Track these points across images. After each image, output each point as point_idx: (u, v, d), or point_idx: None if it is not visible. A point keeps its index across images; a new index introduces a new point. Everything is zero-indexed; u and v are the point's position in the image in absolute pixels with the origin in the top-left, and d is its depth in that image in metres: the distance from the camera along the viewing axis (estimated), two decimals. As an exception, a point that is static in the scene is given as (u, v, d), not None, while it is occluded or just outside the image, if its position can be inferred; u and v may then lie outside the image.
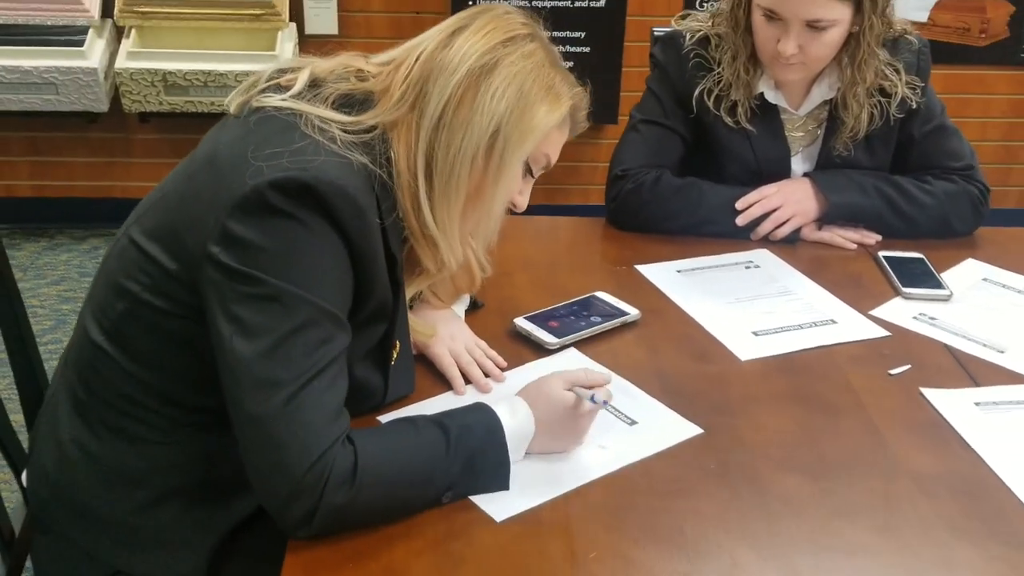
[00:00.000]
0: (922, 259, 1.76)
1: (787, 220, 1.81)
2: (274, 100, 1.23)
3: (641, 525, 1.16)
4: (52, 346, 2.80)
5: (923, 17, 3.38)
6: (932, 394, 1.41)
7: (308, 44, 3.39)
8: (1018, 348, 1.54)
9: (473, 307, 1.55)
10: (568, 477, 1.22)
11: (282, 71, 1.30)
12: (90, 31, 3.12)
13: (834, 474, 1.25)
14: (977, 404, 1.40)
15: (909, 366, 1.48)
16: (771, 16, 1.70)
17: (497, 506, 1.17)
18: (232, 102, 1.28)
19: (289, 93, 1.24)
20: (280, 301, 1.10)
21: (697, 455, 1.28)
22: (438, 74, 1.25)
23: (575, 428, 1.25)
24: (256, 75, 1.30)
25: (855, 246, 1.83)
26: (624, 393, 1.37)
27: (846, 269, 1.77)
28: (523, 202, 1.37)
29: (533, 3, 3.26)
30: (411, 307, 1.42)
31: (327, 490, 1.06)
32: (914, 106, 1.82)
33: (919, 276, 1.71)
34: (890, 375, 1.46)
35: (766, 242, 1.82)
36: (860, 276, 1.74)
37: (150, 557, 1.25)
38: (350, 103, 1.25)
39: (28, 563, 1.38)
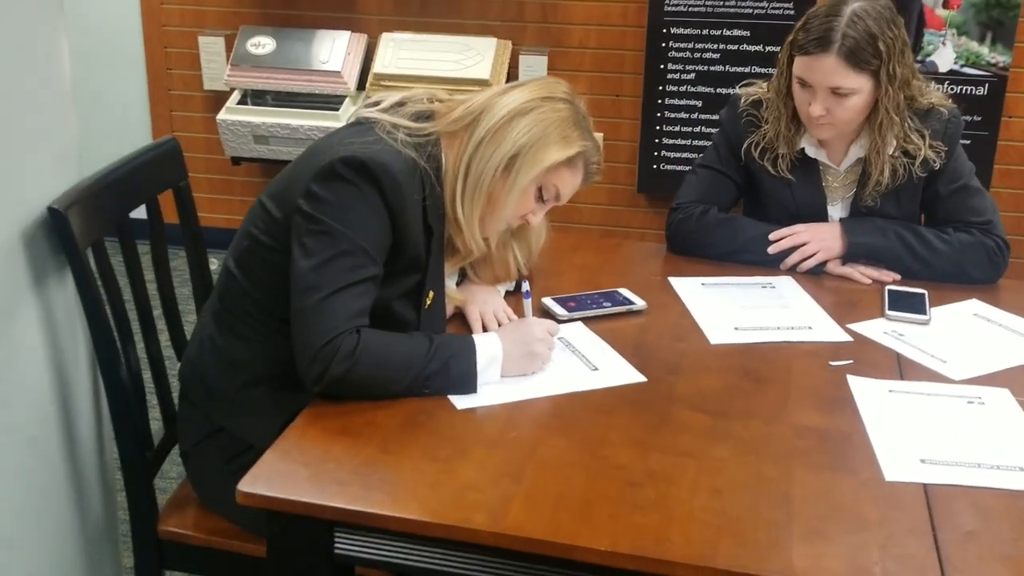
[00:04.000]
0: (923, 294, 2.04)
1: (813, 255, 2.15)
2: (365, 111, 1.78)
3: (563, 426, 1.57)
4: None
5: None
6: (855, 380, 1.72)
7: (521, 118, 3.98)
8: (961, 360, 1.80)
9: (517, 289, 2.02)
10: (525, 392, 1.65)
11: (384, 98, 1.85)
12: (346, 99, 3.86)
13: (732, 417, 1.60)
14: (891, 391, 1.70)
15: (851, 361, 1.79)
16: (803, 83, 2.07)
17: (462, 401, 1.62)
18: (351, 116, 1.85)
19: (377, 108, 1.79)
20: (331, 235, 1.62)
21: (631, 392, 1.67)
22: (490, 109, 1.76)
23: (532, 351, 1.68)
24: (371, 99, 1.87)
25: (870, 281, 2.13)
26: (600, 351, 1.79)
27: (852, 296, 2.07)
28: (535, 220, 1.85)
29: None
30: (458, 283, 1.91)
31: (333, 362, 1.56)
32: (937, 167, 2.12)
33: (909, 304, 2.00)
34: (830, 365, 1.78)
35: (793, 272, 2.16)
36: (860, 301, 2.04)
37: (243, 422, 1.78)
38: (419, 117, 1.78)
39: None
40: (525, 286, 1.81)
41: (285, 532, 1.43)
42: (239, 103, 3.89)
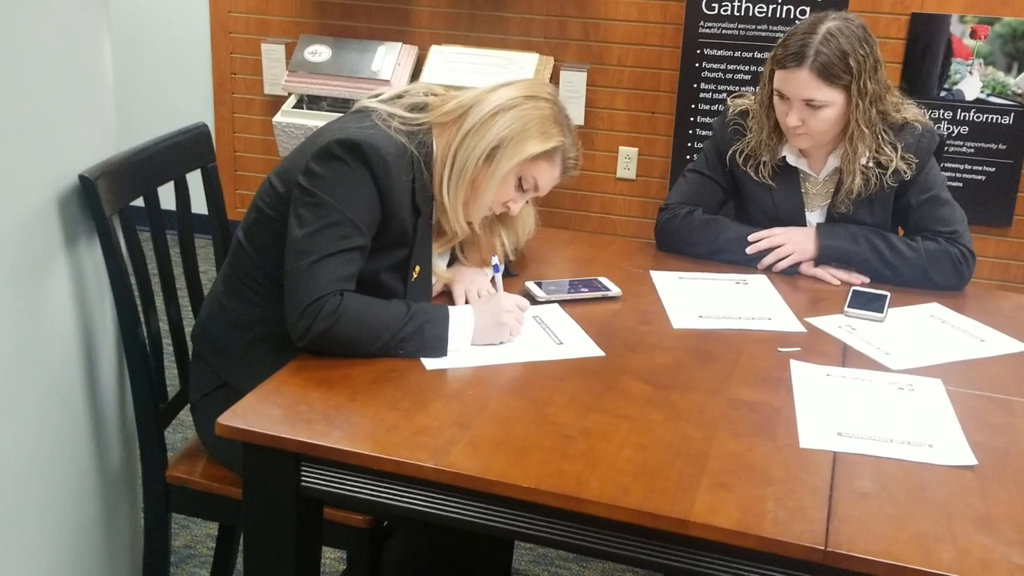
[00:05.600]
0: (885, 295, 2.17)
1: (788, 256, 2.29)
2: (366, 101, 1.99)
3: (518, 387, 1.75)
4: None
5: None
6: (797, 364, 1.86)
7: (559, 131, 4.17)
8: (903, 353, 1.93)
9: (507, 274, 2.19)
10: (492, 358, 1.83)
11: (386, 90, 2.05)
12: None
13: (673, 388, 1.76)
14: (828, 375, 1.83)
15: (799, 349, 1.94)
16: (781, 95, 2.23)
17: (432, 362, 1.80)
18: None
19: (378, 99, 2.00)
20: (322, 207, 1.82)
21: (588, 364, 1.83)
22: (479, 104, 1.95)
23: (500, 321, 1.85)
24: (375, 91, 2.07)
25: (839, 283, 2.26)
26: (568, 329, 1.96)
27: (820, 295, 2.21)
28: (516, 209, 2.03)
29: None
30: (450, 264, 2.10)
31: (317, 319, 1.76)
32: (907, 178, 2.25)
33: (869, 303, 2.13)
34: (778, 351, 1.93)
35: (769, 272, 2.30)
36: (826, 300, 2.18)
37: (245, 377, 1.97)
38: (415, 108, 1.97)
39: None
40: (494, 260, 1.99)
41: (257, 465, 1.62)
42: (295, 107, 4.14)
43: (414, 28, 4.24)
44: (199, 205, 2.20)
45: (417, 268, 1.97)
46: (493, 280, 1.99)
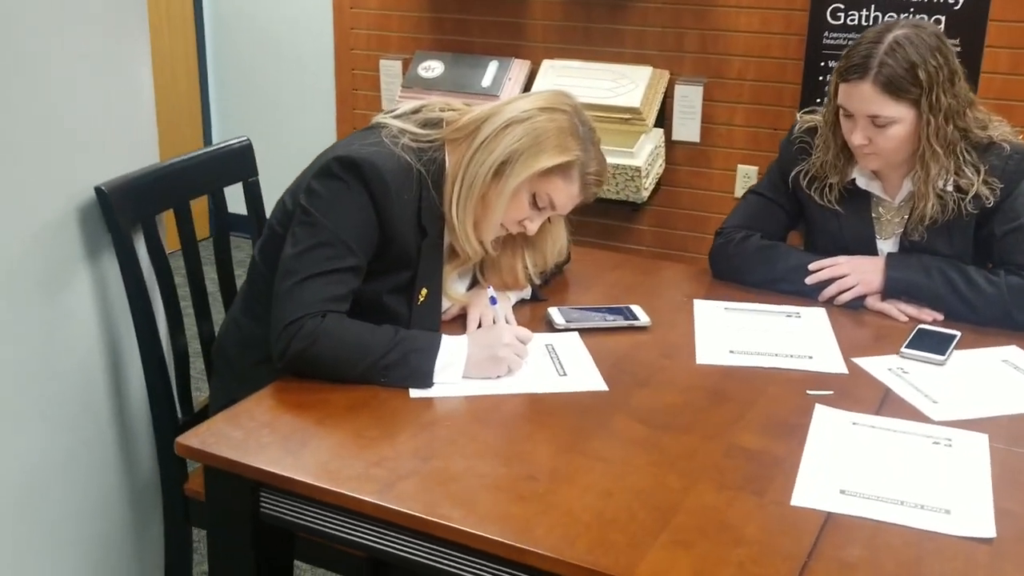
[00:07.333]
0: (954, 335, 1.93)
1: (851, 287, 2.08)
2: (380, 117, 1.92)
3: (499, 420, 1.64)
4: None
5: None
6: (821, 410, 1.67)
7: (674, 148, 4.01)
8: (953, 403, 1.71)
9: (534, 298, 2.08)
10: (484, 388, 1.71)
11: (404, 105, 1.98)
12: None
13: (670, 431, 1.60)
14: (854, 424, 1.64)
15: (831, 392, 1.74)
16: (845, 112, 2.03)
17: (417, 392, 1.70)
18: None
19: (392, 114, 1.92)
20: (315, 226, 1.76)
21: (586, 399, 1.70)
22: (493, 118, 1.86)
23: (496, 355, 1.73)
24: (394, 105, 2.00)
25: (907, 319, 2.03)
26: (578, 359, 1.83)
27: (883, 332, 1.99)
28: (532, 228, 1.90)
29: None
30: (469, 287, 2.00)
31: (295, 339, 1.69)
32: (990, 204, 2.00)
33: (931, 343, 1.90)
34: (807, 394, 1.73)
35: (830, 305, 2.10)
36: (887, 337, 1.96)
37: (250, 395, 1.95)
38: (428, 124, 1.89)
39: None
40: (490, 291, 1.87)
41: (217, 488, 1.57)
42: (408, 122, 4.13)
43: (528, 42, 4.16)
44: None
45: (424, 291, 1.88)
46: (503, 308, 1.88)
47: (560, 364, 1.81)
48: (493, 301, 1.86)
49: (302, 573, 2.61)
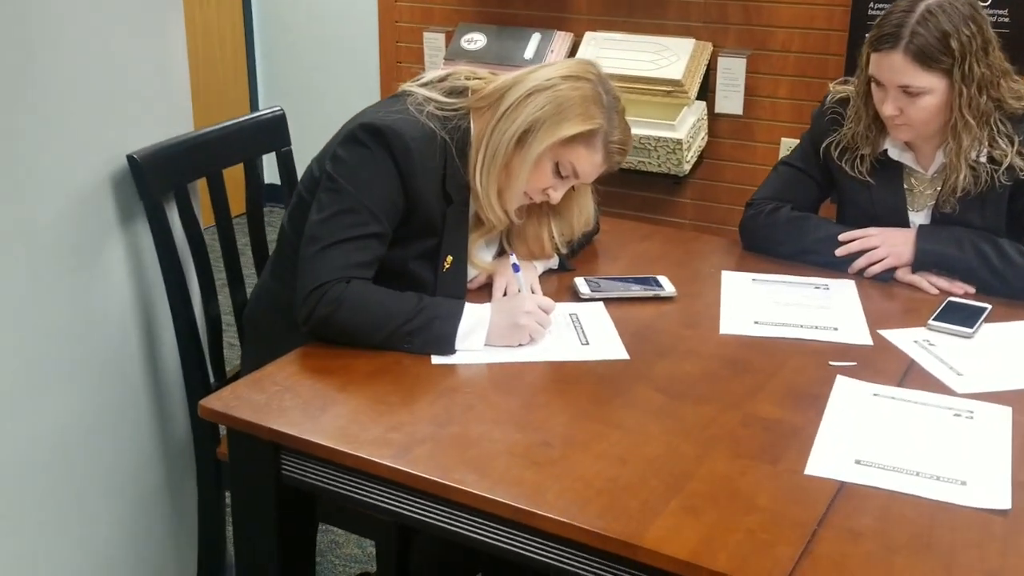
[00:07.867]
0: (984, 308, 1.91)
1: (881, 259, 2.06)
2: (406, 85, 1.93)
3: (518, 388, 1.65)
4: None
5: None
6: (843, 381, 1.66)
7: (717, 121, 3.97)
8: (976, 374, 1.69)
9: (562, 268, 2.08)
10: (506, 356, 1.73)
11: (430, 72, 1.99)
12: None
13: (688, 400, 1.60)
14: (875, 395, 1.62)
15: (855, 363, 1.72)
16: (876, 82, 2.00)
17: (439, 359, 1.72)
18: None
19: (418, 82, 1.94)
20: (340, 192, 1.78)
21: (606, 368, 1.70)
22: (517, 86, 1.86)
23: (518, 323, 1.74)
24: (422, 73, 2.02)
25: (937, 292, 2.00)
26: (601, 329, 1.83)
27: (912, 305, 1.97)
28: (556, 197, 1.90)
29: None
30: (496, 256, 2.01)
31: (319, 305, 1.72)
32: (1024, 176, 1.97)
33: (960, 316, 1.87)
34: (829, 365, 1.72)
35: (860, 277, 2.08)
36: (917, 310, 1.93)
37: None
38: (454, 92, 1.90)
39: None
40: (513, 258, 1.88)
41: (240, 450, 1.60)
42: (450, 95, 4.14)
43: (571, 15, 4.14)
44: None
45: (449, 258, 1.90)
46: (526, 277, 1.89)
47: (583, 333, 1.81)
48: (516, 268, 1.86)
49: (336, 537, 2.65)
